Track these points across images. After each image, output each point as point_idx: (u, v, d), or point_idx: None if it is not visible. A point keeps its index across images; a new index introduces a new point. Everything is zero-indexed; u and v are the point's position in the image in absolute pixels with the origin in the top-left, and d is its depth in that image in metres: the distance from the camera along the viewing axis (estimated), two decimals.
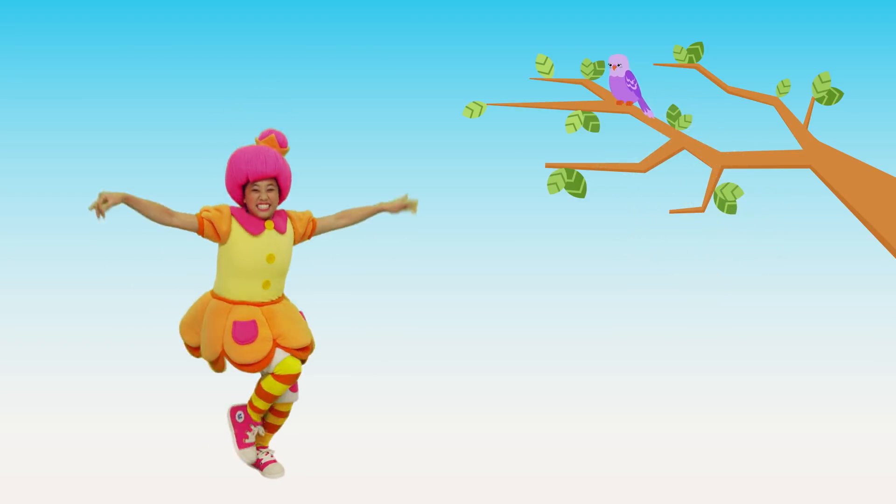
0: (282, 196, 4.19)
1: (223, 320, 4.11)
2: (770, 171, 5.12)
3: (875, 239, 4.86)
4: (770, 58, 5.68)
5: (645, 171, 5.08)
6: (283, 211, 4.25)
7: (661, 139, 5.17)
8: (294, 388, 4.26)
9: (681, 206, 5.00)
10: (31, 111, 5.94)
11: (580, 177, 4.98)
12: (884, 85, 5.70)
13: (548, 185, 4.98)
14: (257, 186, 4.10)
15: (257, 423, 4.24)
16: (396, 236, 5.09)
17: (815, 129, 5.18)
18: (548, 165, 5.02)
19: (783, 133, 5.21)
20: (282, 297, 4.25)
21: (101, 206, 3.80)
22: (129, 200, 3.91)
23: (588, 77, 5.47)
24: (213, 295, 4.19)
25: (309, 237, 4.32)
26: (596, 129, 5.17)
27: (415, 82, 6.00)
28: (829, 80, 5.24)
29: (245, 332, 4.06)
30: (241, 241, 4.11)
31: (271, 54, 6.08)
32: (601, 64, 5.43)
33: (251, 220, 4.13)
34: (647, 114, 5.24)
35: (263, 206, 4.12)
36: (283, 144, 4.23)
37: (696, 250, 5.37)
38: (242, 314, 4.10)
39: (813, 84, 5.26)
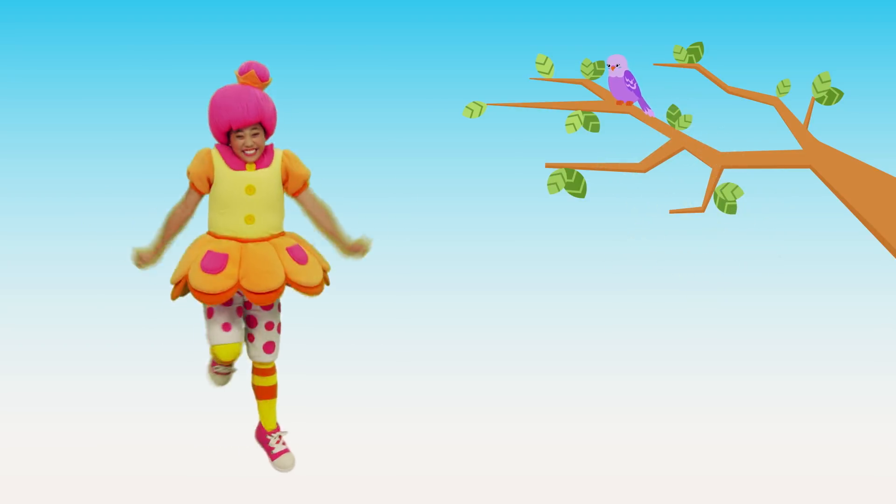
0: (267, 135, 4.12)
1: (201, 247, 4.10)
2: (770, 171, 5.13)
3: (875, 239, 4.87)
4: (770, 58, 5.68)
5: (645, 171, 5.09)
6: (270, 146, 4.17)
7: (661, 139, 5.17)
8: (269, 350, 4.24)
9: (681, 206, 5.01)
10: (31, 111, 5.94)
11: (580, 177, 4.98)
12: (884, 85, 5.71)
13: (548, 185, 4.98)
14: (241, 133, 4.04)
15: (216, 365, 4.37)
16: (396, 236, 5.09)
17: (815, 129, 5.19)
18: (548, 165, 5.03)
19: (783, 133, 5.23)
20: (275, 236, 4.16)
21: (139, 265, 4.17)
22: (160, 249, 4.16)
23: (588, 77, 5.47)
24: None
25: (296, 194, 4.20)
26: (596, 129, 5.18)
27: (415, 82, 5.99)
28: (829, 80, 5.25)
29: (213, 262, 4.03)
30: (222, 174, 4.08)
31: (272, 54, 6.06)
32: (601, 64, 5.43)
33: (234, 156, 4.10)
34: (648, 113, 5.24)
35: (250, 152, 4.07)
36: (263, 78, 4.10)
37: (696, 250, 5.37)
38: (220, 246, 4.08)
39: (813, 84, 5.26)
